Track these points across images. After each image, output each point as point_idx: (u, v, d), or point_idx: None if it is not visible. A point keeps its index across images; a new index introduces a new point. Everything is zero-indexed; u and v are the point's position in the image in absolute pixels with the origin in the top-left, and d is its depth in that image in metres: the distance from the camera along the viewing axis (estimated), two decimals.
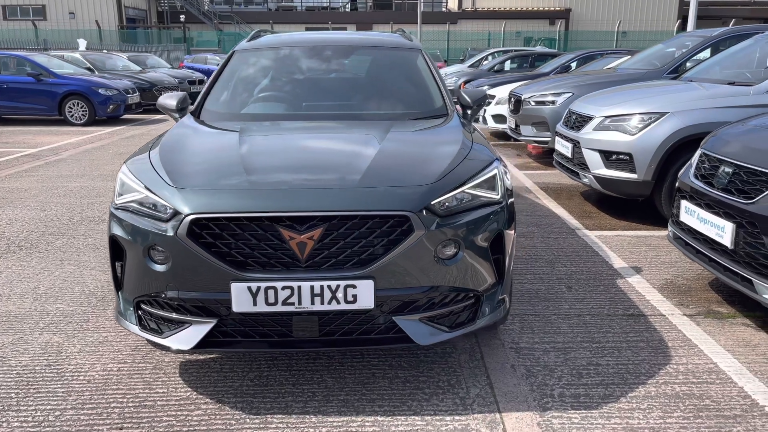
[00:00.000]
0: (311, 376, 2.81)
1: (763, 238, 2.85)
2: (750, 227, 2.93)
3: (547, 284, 3.94)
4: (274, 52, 4.09)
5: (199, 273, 2.39)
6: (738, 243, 3.03)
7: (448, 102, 3.69)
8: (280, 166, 2.66)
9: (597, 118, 5.41)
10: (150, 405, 2.57)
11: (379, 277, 2.41)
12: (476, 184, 2.68)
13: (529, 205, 6.00)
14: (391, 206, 2.39)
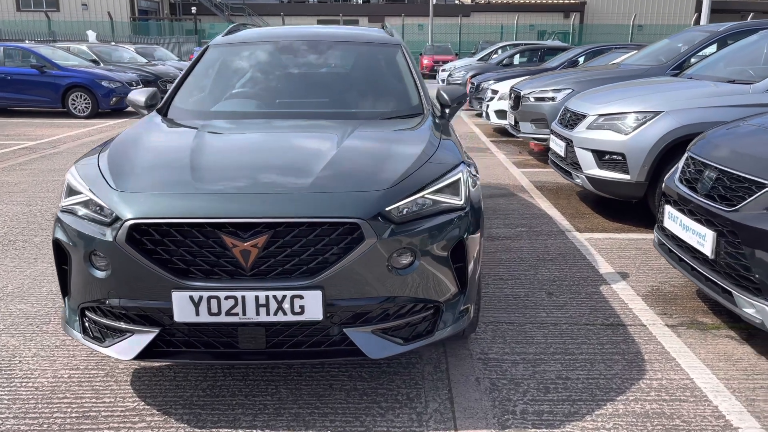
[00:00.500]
0: (266, 386, 2.70)
1: (743, 249, 2.69)
2: (731, 236, 2.77)
3: (528, 290, 3.80)
4: (250, 47, 3.97)
5: (139, 280, 2.29)
6: (719, 252, 2.87)
7: (425, 100, 3.56)
8: (230, 169, 2.54)
9: (590, 116, 5.25)
10: (93, 416, 2.48)
11: (328, 287, 2.29)
12: (437, 189, 2.55)
13: (521, 205, 5.85)
14: (341, 213, 2.27)
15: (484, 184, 6.71)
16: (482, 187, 6.42)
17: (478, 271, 2.77)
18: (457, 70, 18.76)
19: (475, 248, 2.66)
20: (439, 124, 3.35)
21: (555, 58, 13.76)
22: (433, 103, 3.67)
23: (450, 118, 3.66)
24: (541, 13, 40.47)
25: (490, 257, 4.36)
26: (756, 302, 2.66)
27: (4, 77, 12.82)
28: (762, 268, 2.61)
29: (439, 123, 3.36)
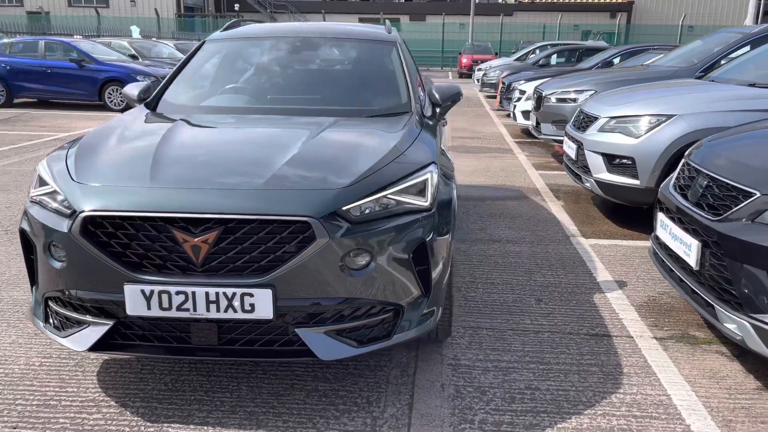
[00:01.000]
0: (228, 383, 2.69)
1: (725, 261, 2.55)
2: (714, 247, 2.63)
3: (517, 295, 3.70)
4: (245, 43, 3.98)
5: (94, 272, 2.30)
6: (703, 264, 2.73)
7: (413, 98, 3.49)
8: (190, 164, 2.52)
9: (602, 118, 5.08)
10: (53, 405, 2.52)
11: (280, 286, 2.26)
12: (402, 189, 2.49)
13: (531, 208, 5.72)
14: (292, 211, 2.24)
15: (498, 185, 6.60)
16: (496, 189, 6.33)
17: (446, 274, 2.70)
18: (492, 70, 18.56)
19: (441, 251, 2.59)
20: (425, 123, 3.29)
21: (590, 58, 13.44)
22: (423, 102, 3.59)
23: (440, 117, 3.59)
24: (586, 13, 39.64)
25: (486, 261, 4.27)
26: (737, 318, 2.52)
27: (45, 70, 13.24)
28: (743, 282, 2.46)
29: (424, 122, 3.29)
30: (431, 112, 3.61)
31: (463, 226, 5.07)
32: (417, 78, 4.03)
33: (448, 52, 35.59)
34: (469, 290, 3.76)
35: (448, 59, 35.44)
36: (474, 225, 5.13)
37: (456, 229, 3.68)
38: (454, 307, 3.49)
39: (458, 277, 3.95)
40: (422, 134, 3.04)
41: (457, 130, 10.90)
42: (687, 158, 3.25)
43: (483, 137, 10.09)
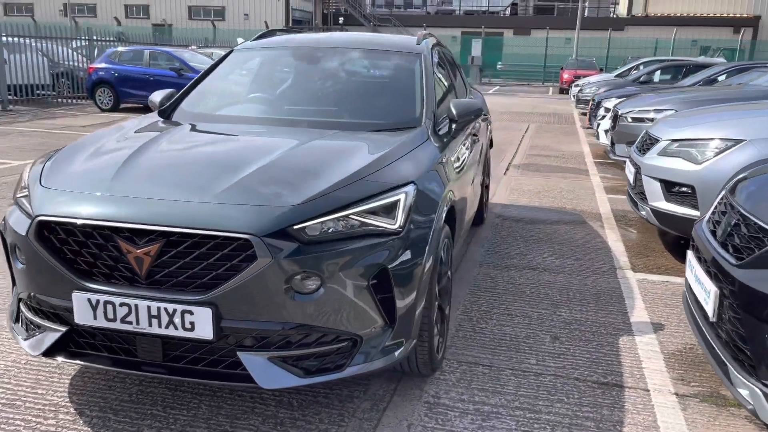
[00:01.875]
0: (190, 399, 2.61)
1: (740, 313, 2.15)
2: (731, 297, 2.24)
3: (533, 330, 3.38)
4: (270, 52, 3.94)
5: (48, 277, 2.30)
6: (720, 315, 2.33)
7: (425, 113, 3.28)
8: (150, 174, 2.46)
9: (663, 141, 4.62)
10: (18, 406, 2.54)
11: (222, 305, 2.15)
12: (367, 209, 2.31)
13: (585, 234, 5.29)
14: (233, 227, 2.12)
15: (557, 208, 6.19)
16: (554, 212, 5.93)
17: (421, 304, 2.48)
18: (588, 86, 17.69)
19: (414, 278, 2.39)
20: (432, 139, 3.08)
21: (692, 75, 12.48)
22: (437, 117, 3.37)
23: (455, 133, 3.36)
24: (706, 28, 37.15)
25: (512, 289, 3.96)
26: (749, 383, 2.11)
27: (147, 78, 14.09)
28: (758, 342, 2.07)
29: (432, 138, 3.08)
30: (447, 128, 3.38)
31: (499, 251, 4.76)
32: (443, 90, 3.82)
33: (551, 67, 34.51)
34: (482, 321, 3.48)
35: (551, 74, 34.36)
36: (513, 250, 4.80)
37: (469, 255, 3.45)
38: (458, 339, 3.24)
39: (474, 305, 3.68)
40: (416, 151, 2.84)
41: (537, 147, 10.44)
42: (724, 190, 2.83)
43: (561, 156, 9.59)
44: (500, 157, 9.27)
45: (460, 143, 3.58)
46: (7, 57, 13.81)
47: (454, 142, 3.40)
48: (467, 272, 4.27)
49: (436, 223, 2.61)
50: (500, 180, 7.58)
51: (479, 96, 5.28)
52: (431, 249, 2.54)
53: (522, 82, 35.32)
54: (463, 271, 4.28)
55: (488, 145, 5.32)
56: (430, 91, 3.44)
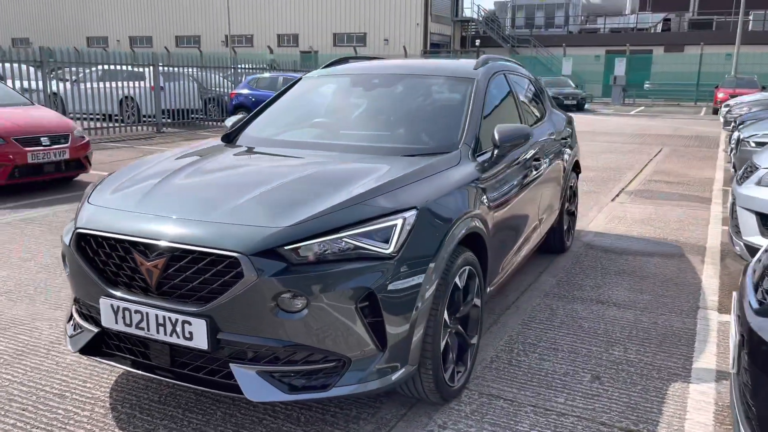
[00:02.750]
0: (210, 405, 2.79)
1: (749, 365, 1.91)
2: (747, 346, 1.98)
3: (574, 368, 3.19)
4: (331, 80, 4.11)
5: (84, 283, 2.59)
6: (739, 365, 2.07)
7: (465, 138, 3.26)
8: (174, 194, 2.67)
9: (762, 169, 4.16)
10: (66, 396, 2.86)
11: (218, 318, 2.30)
12: (361, 232, 2.36)
13: (677, 269, 4.87)
14: (224, 245, 2.27)
15: (657, 239, 5.75)
16: (651, 243, 5.53)
17: (419, 331, 2.46)
18: (738, 106, 16.18)
19: (408, 304, 2.39)
20: (460, 164, 3.05)
21: None
22: (480, 142, 3.33)
23: (493, 160, 3.29)
24: None
25: (568, 323, 3.76)
26: None
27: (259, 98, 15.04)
28: (760, 399, 1.82)
29: (460, 163, 3.05)
30: (491, 154, 3.32)
31: (572, 282, 4.53)
32: (499, 115, 3.75)
33: (706, 86, 31.94)
34: (522, 353, 3.35)
35: (704, 94, 31.79)
36: (588, 282, 4.54)
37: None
38: (490, 370, 3.15)
39: (520, 337, 3.55)
40: (438, 175, 2.84)
41: (661, 173, 9.75)
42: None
43: (686, 182, 8.87)
44: (612, 183, 8.78)
45: (508, 168, 3.49)
46: (164, 84, 15.46)
47: (498, 168, 3.33)
48: (527, 302, 4.11)
49: (443, 250, 2.58)
50: (604, 207, 7.18)
51: (560, 121, 5.08)
52: (435, 275, 2.52)
53: (671, 102, 33.06)
54: (523, 301, 4.13)
55: (570, 170, 5.09)
56: (475, 116, 3.40)
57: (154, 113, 14.98)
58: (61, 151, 7.61)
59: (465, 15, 43.60)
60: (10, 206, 6.79)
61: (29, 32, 49.00)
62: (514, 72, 4.45)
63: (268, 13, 43.39)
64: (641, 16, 41.79)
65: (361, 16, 41.02)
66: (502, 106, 3.94)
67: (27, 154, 7.23)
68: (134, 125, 14.64)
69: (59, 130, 7.74)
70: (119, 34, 47.40)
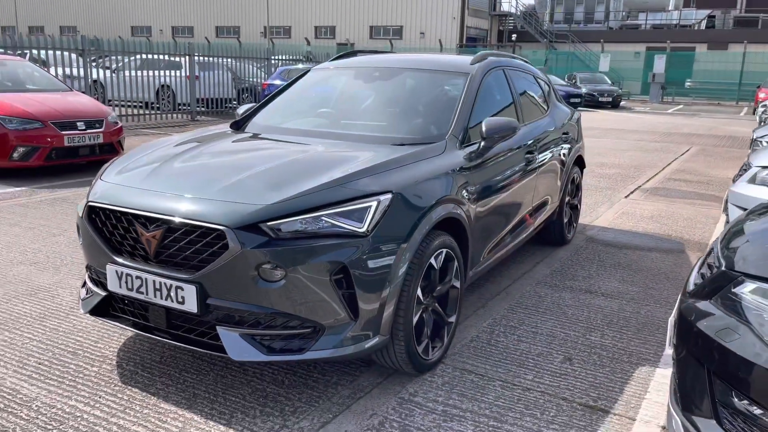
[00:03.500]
0: (205, 366, 3.07)
1: (680, 348, 2.08)
2: (677, 325, 2.15)
3: (549, 349, 3.38)
4: (336, 72, 4.35)
5: (93, 251, 2.89)
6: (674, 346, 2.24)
7: (453, 130, 3.46)
8: (176, 174, 2.94)
9: (753, 167, 4.25)
10: (78, 354, 3.17)
11: (207, 285, 2.57)
12: (338, 212, 2.60)
13: (673, 263, 4.97)
14: (213, 219, 2.53)
15: (660, 235, 5.84)
16: (654, 239, 5.63)
17: (391, 304, 2.69)
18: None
19: (379, 279, 2.62)
20: (444, 153, 3.25)
21: None
22: (469, 134, 3.53)
23: (479, 152, 3.48)
24: None
25: (553, 309, 3.94)
26: (675, 414, 2.04)
27: None
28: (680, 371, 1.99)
29: (444, 152, 3.26)
30: (478, 146, 3.52)
31: (566, 272, 4.69)
32: (491, 109, 3.93)
33: (748, 85, 31.16)
34: (502, 335, 3.54)
35: (747, 93, 31.02)
36: (582, 272, 4.70)
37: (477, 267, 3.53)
38: (468, 348, 3.36)
39: (504, 320, 3.74)
40: (420, 163, 3.05)
41: (682, 171, 9.73)
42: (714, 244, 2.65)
43: (704, 182, 8.86)
44: (630, 180, 8.82)
45: (496, 159, 3.68)
46: (199, 74, 15.92)
47: (484, 158, 3.52)
48: (518, 289, 4.29)
49: (417, 232, 2.80)
50: (615, 203, 7.26)
51: (563, 117, 5.21)
52: (408, 254, 2.74)
53: (713, 101, 32.36)
54: (514, 288, 4.31)
55: (572, 165, 5.22)
56: (465, 109, 3.60)
57: (189, 101, 15.47)
58: (96, 135, 8.03)
59: (503, 9, 43.31)
60: (47, 185, 7.24)
61: (77, 21, 50.49)
62: (516, 68, 4.62)
63: (306, 5, 43.82)
64: (685, 13, 40.87)
65: (397, 8, 41.11)
66: (496, 100, 4.12)
67: (64, 137, 7.67)
68: (169, 113, 15.14)
69: (94, 115, 8.17)
70: (162, 24, 48.48)
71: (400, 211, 2.75)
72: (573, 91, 24.71)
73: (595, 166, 9.97)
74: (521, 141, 4.15)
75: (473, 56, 4.17)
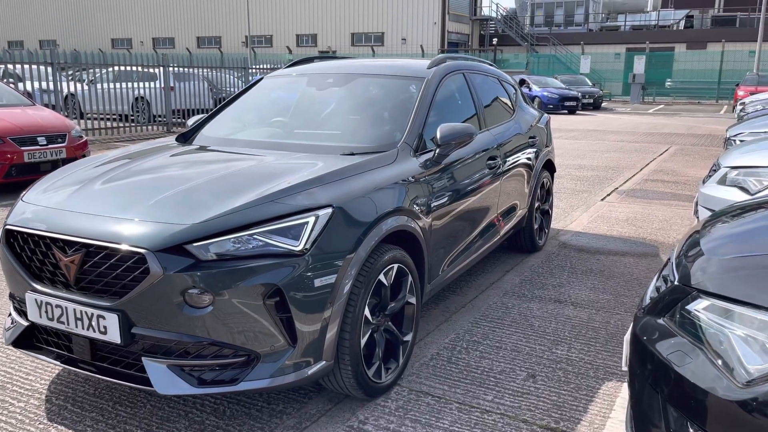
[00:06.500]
0: (141, 398, 2.85)
1: (635, 369, 1.90)
2: (631, 344, 1.98)
3: (512, 366, 3.20)
4: (289, 79, 4.16)
5: (13, 278, 2.68)
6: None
7: (406, 137, 3.28)
8: (99, 192, 2.72)
9: (722, 168, 4.11)
10: (6, 387, 2.95)
11: (131, 312, 2.37)
12: (272, 229, 2.40)
13: (648, 269, 4.82)
14: (132, 242, 2.33)
15: (636, 238, 5.69)
16: (628, 243, 5.48)
17: (333, 327, 2.50)
18: (752, 104, 15.86)
19: (319, 300, 2.43)
20: (395, 163, 3.07)
21: None
22: (423, 141, 3.35)
23: (433, 160, 3.30)
24: None
25: (520, 322, 3.76)
26: None
27: None
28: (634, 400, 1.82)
29: (395, 162, 3.08)
30: (434, 153, 3.34)
31: (536, 281, 4.52)
32: (450, 115, 3.76)
33: (727, 83, 31.35)
34: (464, 351, 3.36)
35: (726, 92, 31.20)
36: (552, 281, 4.53)
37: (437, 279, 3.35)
38: (427, 367, 3.17)
39: (467, 335, 3.56)
40: (366, 174, 2.87)
41: (660, 172, 9.63)
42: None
43: (682, 182, 8.75)
44: (607, 182, 8.69)
45: (454, 167, 3.51)
46: (175, 84, 15.68)
47: (440, 166, 3.35)
48: (484, 301, 4.12)
49: (362, 248, 2.61)
50: (591, 206, 7.12)
51: (530, 120, 5.05)
52: (352, 272, 2.55)
53: (693, 100, 32.52)
54: (480, 300, 4.13)
55: (541, 170, 5.06)
56: (420, 116, 3.42)
57: (165, 113, 15.22)
58: (58, 150, 7.78)
59: (483, 14, 43.39)
60: (5, 203, 6.98)
61: (56, 34, 50.02)
62: (478, 71, 4.46)
63: (287, 13, 43.69)
64: (663, 13, 41.13)
65: (378, 15, 41.09)
66: (456, 105, 3.96)
67: (24, 153, 7.42)
68: (145, 125, 14.89)
69: (57, 129, 7.92)
70: (142, 36, 48.15)
71: (342, 226, 2.57)
72: (568, 94, 24.03)
73: (573, 168, 9.85)
74: (483, 146, 3.99)
75: (430, 60, 4.00)
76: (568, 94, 23.98)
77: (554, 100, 23.64)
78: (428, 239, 3.18)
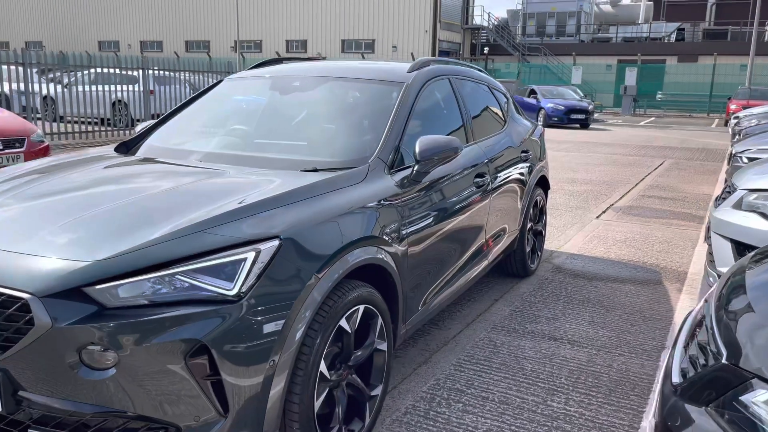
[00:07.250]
0: None
1: None
2: None
3: (498, 424, 2.70)
4: (252, 82, 3.66)
5: None
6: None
7: (380, 151, 2.79)
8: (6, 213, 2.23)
9: (739, 191, 3.65)
10: None
11: (15, 372, 1.85)
12: (200, 268, 1.90)
13: (651, 298, 4.35)
14: (12, 284, 1.82)
15: (635, 262, 5.22)
16: (628, 267, 5.01)
17: (278, 388, 2.00)
18: (747, 118, 15.53)
19: (258, 356, 1.93)
20: (364, 181, 2.58)
21: None
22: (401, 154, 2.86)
23: (412, 177, 2.82)
24: None
25: (510, 365, 3.27)
26: None
27: None
28: None
29: (365, 180, 2.59)
30: (412, 170, 2.85)
31: (528, 312, 4.03)
32: (434, 125, 3.28)
33: (719, 97, 31.19)
34: (444, 403, 2.86)
35: (718, 105, 31.03)
36: (546, 312, 4.04)
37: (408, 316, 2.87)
38: (399, 424, 2.67)
39: (449, 382, 3.06)
40: (325, 197, 2.37)
41: (656, 188, 9.20)
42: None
43: (681, 199, 8.32)
44: (602, 198, 8.25)
45: (436, 186, 3.03)
46: (155, 87, 15.14)
47: (420, 185, 2.87)
48: (469, 337, 3.62)
49: (318, 288, 2.11)
50: (586, 225, 6.66)
51: (523, 132, 4.59)
52: (304, 319, 2.05)
53: (684, 113, 32.31)
54: (465, 335, 3.64)
55: (533, 187, 4.59)
56: (397, 126, 2.94)
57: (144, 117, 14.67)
58: (15, 155, 7.22)
59: (475, 23, 43.11)
60: None
61: (43, 36, 49.22)
62: (466, 77, 3.98)
63: (277, 19, 43.24)
64: (655, 26, 41.04)
65: (369, 22, 40.71)
66: (440, 114, 3.48)
67: None
68: (125, 129, 14.34)
69: (14, 133, 7.35)
70: (130, 39, 47.47)
71: (292, 262, 2.07)
72: (577, 106, 21.81)
73: (566, 182, 9.41)
74: (471, 162, 3.51)
75: (411, 63, 3.51)
76: (577, 106, 21.87)
77: (559, 112, 21.66)
78: (404, 273, 2.69)
